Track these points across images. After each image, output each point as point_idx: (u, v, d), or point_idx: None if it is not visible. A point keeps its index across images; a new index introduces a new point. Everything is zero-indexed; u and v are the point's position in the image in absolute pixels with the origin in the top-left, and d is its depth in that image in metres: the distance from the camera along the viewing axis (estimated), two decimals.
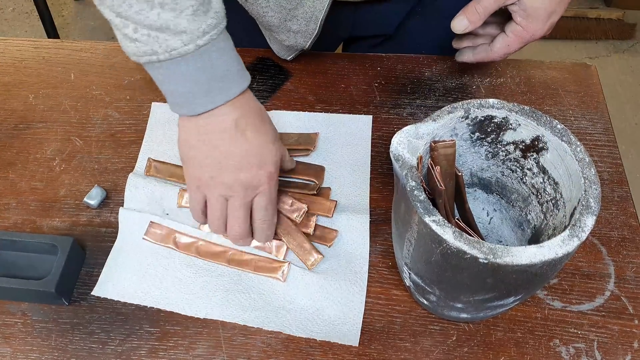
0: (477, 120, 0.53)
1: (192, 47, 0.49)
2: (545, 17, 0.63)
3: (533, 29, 0.64)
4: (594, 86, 0.78)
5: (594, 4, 2.16)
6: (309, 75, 0.78)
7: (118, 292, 0.60)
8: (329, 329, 0.58)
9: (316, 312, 0.59)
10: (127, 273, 0.61)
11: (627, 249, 0.63)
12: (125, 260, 0.62)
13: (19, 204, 0.66)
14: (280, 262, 0.61)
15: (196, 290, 0.60)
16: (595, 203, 0.46)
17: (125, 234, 0.63)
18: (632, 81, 1.99)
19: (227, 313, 0.58)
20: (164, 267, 0.61)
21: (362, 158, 0.70)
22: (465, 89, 0.77)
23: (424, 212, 0.45)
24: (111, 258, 0.62)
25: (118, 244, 0.63)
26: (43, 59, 0.80)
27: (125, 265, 0.61)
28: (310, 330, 0.57)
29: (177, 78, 0.51)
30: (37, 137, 0.72)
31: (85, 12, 2.24)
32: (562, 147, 0.50)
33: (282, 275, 0.60)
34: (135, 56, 0.50)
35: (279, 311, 0.59)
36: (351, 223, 0.64)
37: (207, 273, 0.61)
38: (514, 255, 0.43)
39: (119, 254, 0.62)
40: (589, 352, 0.57)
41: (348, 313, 0.58)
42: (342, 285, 0.60)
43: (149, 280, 0.60)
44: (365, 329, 0.58)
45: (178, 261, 0.62)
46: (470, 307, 0.52)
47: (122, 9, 0.47)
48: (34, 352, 0.56)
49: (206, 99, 0.53)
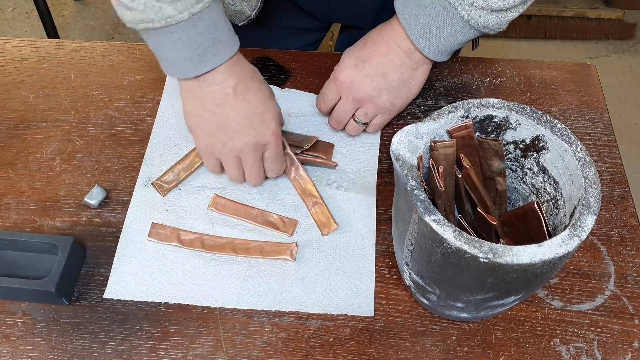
0: (477, 120, 0.53)
1: (187, 15, 0.52)
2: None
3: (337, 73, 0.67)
4: (594, 86, 0.78)
5: (594, 4, 2.16)
6: (309, 75, 0.78)
7: (129, 291, 0.60)
8: (343, 302, 0.59)
9: (329, 287, 0.60)
10: (136, 272, 0.61)
11: (627, 248, 0.63)
12: (131, 260, 0.62)
13: (19, 204, 0.66)
14: (287, 243, 0.62)
15: (208, 280, 0.61)
16: (595, 202, 0.46)
17: (127, 235, 0.63)
18: (632, 81, 1.99)
19: (244, 300, 0.59)
20: (172, 262, 0.62)
21: (372, 137, 0.72)
22: (465, 89, 0.77)
23: (424, 211, 0.45)
24: (117, 260, 0.62)
25: (122, 245, 0.63)
26: (43, 58, 0.80)
27: (133, 266, 0.61)
28: (327, 305, 0.59)
29: (172, 44, 0.55)
30: (37, 137, 0.72)
31: (85, 12, 2.24)
32: (562, 147, 0.50)
33: (290, 255, 0.62)
34: (131, 23, 0.53)
35: (294, 290, 0.60)
36: (359, 199, 0.66)
37: (217, 263, 0.62)
38: (514, 255, 0.43)
39: (124, 255, 0.62)
40: (589, 351, 0.57)
41: (360, 285, 0.60)
42: (351, 260, 0.62)
43: (159, 277, 0.61)
44: (365, 328, 0.58)
45: (185, 256, 0.62)
46: (470, 307, 0.52)
47: None
48: (34, 352, 0.56)
49: (199, 64, 0.56)
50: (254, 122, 0.60)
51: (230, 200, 0.66)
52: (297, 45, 0.89)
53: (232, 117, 0.59)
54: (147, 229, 0.63)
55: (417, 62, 0.64)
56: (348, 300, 0.59)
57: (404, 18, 0.61)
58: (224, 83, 0.58)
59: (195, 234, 0.63)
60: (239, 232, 0.64)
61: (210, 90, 0.59)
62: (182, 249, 0.62)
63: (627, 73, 2.02)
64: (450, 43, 0.61)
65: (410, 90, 0.66)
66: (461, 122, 0.53)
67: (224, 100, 0.59)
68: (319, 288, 0.60)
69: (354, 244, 0.63)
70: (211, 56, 0.56)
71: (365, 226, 0.64)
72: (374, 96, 0.65)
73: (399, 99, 0.66)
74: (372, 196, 0.67)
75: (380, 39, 0.64)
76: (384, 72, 0.63)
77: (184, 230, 0.63)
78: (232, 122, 0.59)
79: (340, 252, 0.62)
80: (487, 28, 0.59)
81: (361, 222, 0.65)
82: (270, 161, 0.64)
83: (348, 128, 0.70)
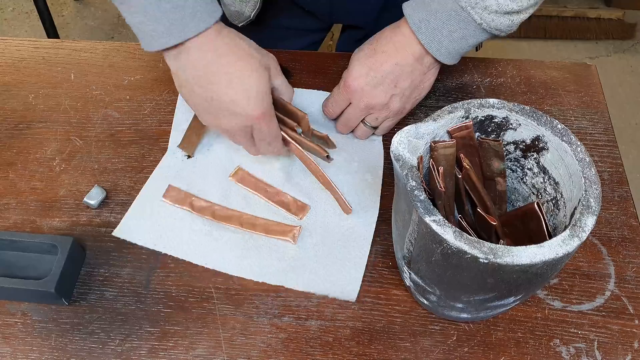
0: (477, 120, 0.53)
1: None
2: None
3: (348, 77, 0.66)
4: (594, 86, 0.78)
5: (594, 3, 2.16)
6: (309, 75, 0.78)
7: (136, 236, 0.63)
8: (330, 285, 0.60)
9: (320, 269, 0.61)
10: (146, 222, 0.64)
11: (627, 249, 0.63)
12: (145, 211, 0.65)
13: (18, 204, 0.66)
14: (291, 226, 0.64)
15: (210, 242, 0.63)
16: (595, 203, 0.46)
17: (147, 191, 0.67)
18: (632, 81, 1.99)
19: (238, 269, 0.61)
20: (181, 220, 0.65)
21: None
22: (465, 89, 0.77)
23: (424, 212, 0.45)
24: (132, 208, 0.65)
25: (140, 198, 0.66)
26: (43, 58, 0.80)
27: (145, 217, 0.65)
28: (312, 286, 0.60)
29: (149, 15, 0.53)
30: (37, 137, 0.72)
31: (85, 12, 2.24)
32: (562, 147, 0.50)
33: (292, 237, 0.63)
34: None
35: (285, 267, 0.61)
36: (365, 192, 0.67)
37: (222, 230, 0.64)
38: (514, 255, 0.43)
39: (140, 206, 0.66)
40: (589, 352, 0.57)
41: (350, 270, 0.61)
42: (348, 247, 0.63)
43: (168, 231, 0.64)
44: (365, 329, 0.58)
45: (194, 220, 0.65)
46: (470, 307, 0.52)
47: None
48: (34, 352, 0.56)
49: (169, 35, 0.54)
50: (236, 104, 0.57)
51: (251, 174, 0.68)
52: (297, 46, 0.89)
53: (212, 98, 0.57)
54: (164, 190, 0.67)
55: (427, 67, 0.64)
56: (333, 284, 0.60)
57: (414, 23, 0.60)
58: (199, 60, 0.55)
59: (207, 202, 0.66)
60: (250, 206, 0.66)
61: (188, 66, 0.56)
62: (193, 214, 0.65)
63: (628, 73, 2.02)
64: (462, 46, 0.61)
65: (420, 93, 0.66)
66: (461, 123, 0.53)
67: (202, 79, 0.56)
68: (309, 269, 0.61)
69: (353, 232, 0.64)
70: (183, 27, 0.53)
71: (366, 214, 0.65)
72: (386, 103, 0.65)
73: (410, 104, 0.67)
74: (377, 189, 0.67)
75: (390, 45, 0.63)
76: (396, 80, 0.63)
77: (197, 197, 0.66)
78: (214, 103, 0.57)
79: (340, 240, 0.63)
80: (499, 30, 0.59)
81: (362, 211, 0.66)
82: (264, 143, 0.62)
83: (357, 132, 0.70)
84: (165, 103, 0.75)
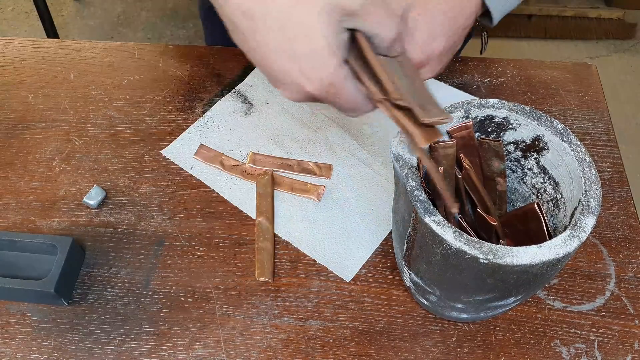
0: (477, 120, 0.53)
1: None
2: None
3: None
4: (595, 86, 0.78)
5: (595, 3, 2.16)
6: None
7: (179, 159, 0.69)
8: (333, 258, 0.62)
9: (330, 240, 0.63)
10: (185, 151, 0.70)
11: (628, 249, 0.63)
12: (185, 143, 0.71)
13: (18, 204, 0.66)
14: (316, 185, 0.67)
15: (238, 184, 0.67)
16: (595, 203, 0.46)
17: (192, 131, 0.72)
18: (632, 81, 1.99)
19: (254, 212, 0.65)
20: (212, 174, 0.69)
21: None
22: (465, 89, 0.77)
23: (424, 212, 0.45)
24: (181, 137, 0.71)
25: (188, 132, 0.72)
26: (42, 58, 0.80)
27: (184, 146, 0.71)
28: (317, 252, 0.62)
29: None
30: (37, 137, 0.72)
31: (85, 12, 2.24)
32: (562, 147, 0.50)
33: (317, 196, 0.66)
34: None
35: (298, 226, 0.64)
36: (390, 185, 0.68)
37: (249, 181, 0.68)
38: (514, 256, 0.43)
39: (184, 138, 0.71)
40: (590, 352, 0.56)
41: (356, 252, 0.62)
42: (363, 230, 0.64)
43: (200, 168, 0.69)
44: (365, 329, 0.58)
45: (224, 175, 0.69)
46: (470, 308, 0.52)
47: None
48: (34, 353, 0.56)
49: None
50: (293, 69, 0.41)
51: (265, 155, 0.70)
52: None
53: (259, 61, 0.43)
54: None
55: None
56: (336, 259, 0.62)
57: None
58: (238, 7, 0.41)
59: (236, 161, 0.69)
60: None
61: (228, 19, 0.43)
62: (223, 172, 0.69)
63: (628, 73, 2.02)
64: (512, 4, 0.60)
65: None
66: (461, 123, 0.53)
67: (245, 36, 0.42)
68: (319, 237, 0.63)
69: (372, 216, 0.65)
70: None
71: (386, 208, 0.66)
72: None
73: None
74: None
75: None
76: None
77: (227, 156, 0.69)
78: (266, 69, 0.43)
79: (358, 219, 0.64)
80: None
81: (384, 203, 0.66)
82: (337, 109, 0.47)
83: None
84: (165, 103, 0.75)
